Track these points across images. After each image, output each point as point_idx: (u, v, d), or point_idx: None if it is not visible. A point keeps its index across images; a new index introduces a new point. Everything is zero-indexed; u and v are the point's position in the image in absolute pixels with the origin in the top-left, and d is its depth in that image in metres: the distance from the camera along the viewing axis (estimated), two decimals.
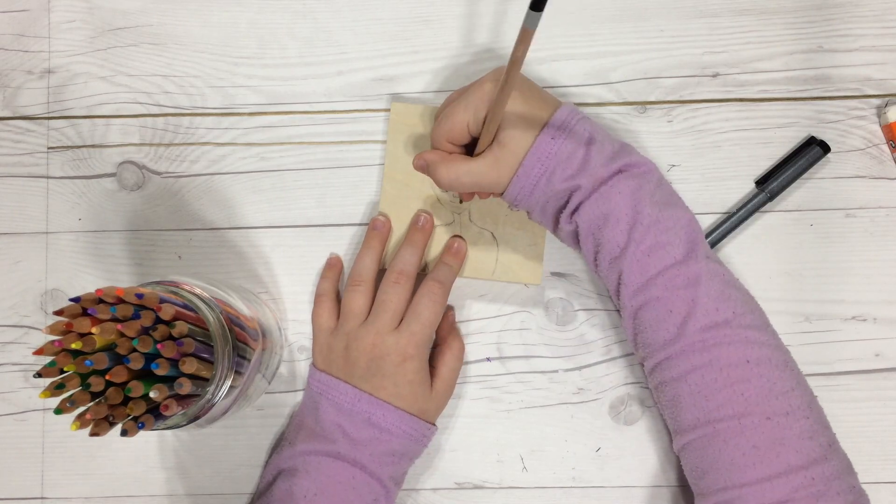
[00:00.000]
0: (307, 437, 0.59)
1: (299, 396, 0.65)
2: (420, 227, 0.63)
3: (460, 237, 0.64)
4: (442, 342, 0.63)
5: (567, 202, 0.55)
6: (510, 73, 0.46)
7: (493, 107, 0.51)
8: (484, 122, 0.54)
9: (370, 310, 0.60)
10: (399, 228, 0.64)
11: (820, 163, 0.65)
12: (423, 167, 0.58)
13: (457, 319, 0.65)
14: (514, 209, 0.59)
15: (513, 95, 0.53)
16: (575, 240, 0.58)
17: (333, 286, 0.64)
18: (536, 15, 0.41)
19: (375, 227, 0.63)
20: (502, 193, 0.56)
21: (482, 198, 0.63)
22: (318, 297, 0.64)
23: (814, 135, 0.65)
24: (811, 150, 0.63)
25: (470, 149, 0.58)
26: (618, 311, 0.63)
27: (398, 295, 0.60)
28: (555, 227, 0.58)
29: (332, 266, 0.65)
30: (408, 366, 0.58)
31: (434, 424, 0.61)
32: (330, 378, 0.60)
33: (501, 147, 0.54)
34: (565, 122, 0.54)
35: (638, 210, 0.54)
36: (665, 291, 0.53)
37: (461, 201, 0.64)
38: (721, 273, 0.55)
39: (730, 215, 0.64)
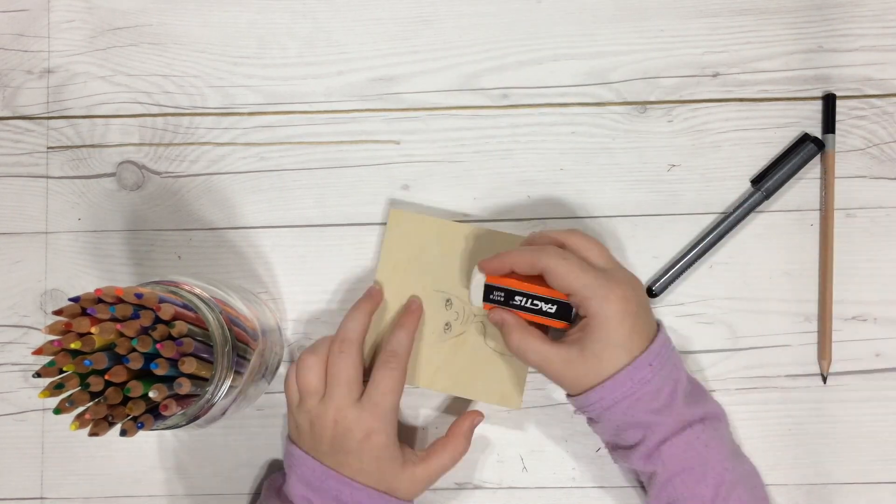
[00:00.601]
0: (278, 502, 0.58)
1: None
2: (413, 311, 0.62)
3: (418, 298, 0.63)
4: (450, 437, 0.60)
5: (641, 440, 0.55)
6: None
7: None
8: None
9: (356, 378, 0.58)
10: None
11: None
12: (499, 324, 0.57)
13: (473, 427, 0.62)
14: (576, 414, 0.58)
15: (637, 302, 0.54)
16: (643, 474, 0.57)
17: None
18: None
19: (370, 294, 0.62)
20: (570, 394, 0.56)
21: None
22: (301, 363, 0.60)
23: (816, 136, 0.64)
24: (805, 147, 0.63)
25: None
26: None
27: (351, 363, 0.57)
28: (620, 455, 0.57)
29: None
30: (373, 440, 0.56)
31: (409, 502, 0.59)
32: (300, 452, 0.58)
33: (584, 356, 0.53)
34: (662, 351, 0.54)
35: (724, 465, 0.54)
36: None
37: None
38: None
39: (727, 215, 0.64)
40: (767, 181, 0.63)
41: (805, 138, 0.64)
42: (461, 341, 0.63)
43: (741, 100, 0.66)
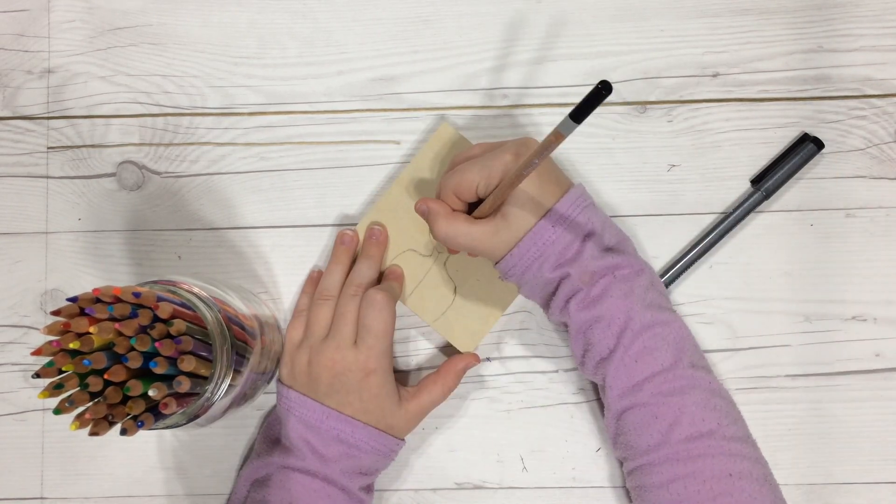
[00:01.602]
0: (277, 451, 0.59)
1: None
2: (375, 241, 0.63)
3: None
4: (442, 373, 0.62)
5: (556, 289, 0.56)
6: (529, 162, 0.47)
7: (506, 181, 0.52)
8: (494, 189, 0.54)
9: None
10: (391, 239, 0.65)
11: (821, 163, 0.65)
12: (424, 213, 0.58)
13: (465, 368, 0.63)
14: (504, 280, 0.59)
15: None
16: (564, 327, 0.59)
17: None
18: (573, 124, 0.41)
19: (343, 241, 0.63)
20: (495, 263, 0.57)
21: (452, 253, 0.64)
22: (295, 312, 0.64)
23: (815, 135, 0.64)
24: (805, 147, 0.63)
25: (472, 206, 0.58)
26: (600, 407, 0.63)
27: (356, 307, 0.60)
28: (546, 310, 0.59)
29: (313, 281, 0.65)
30: (371, 380, 0.58)
31: (402, 440, 0.61)
32: (297, 395, 0.59)
33: (504, 220, 0.55)
34: (569, 210, 0.55)
35: (629, 315, 0.55)
36: (651, 397, 0.54)
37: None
38: (707, 381, 0.55)
39: (727, 215, 0.64)
40: (767, 181, 0.63)
41: (805, 138, 0.64)
42: (444, 266, 0.64)
43: (741, 100, 0.66)
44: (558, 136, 0.43)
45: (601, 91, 0.39)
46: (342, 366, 0.58)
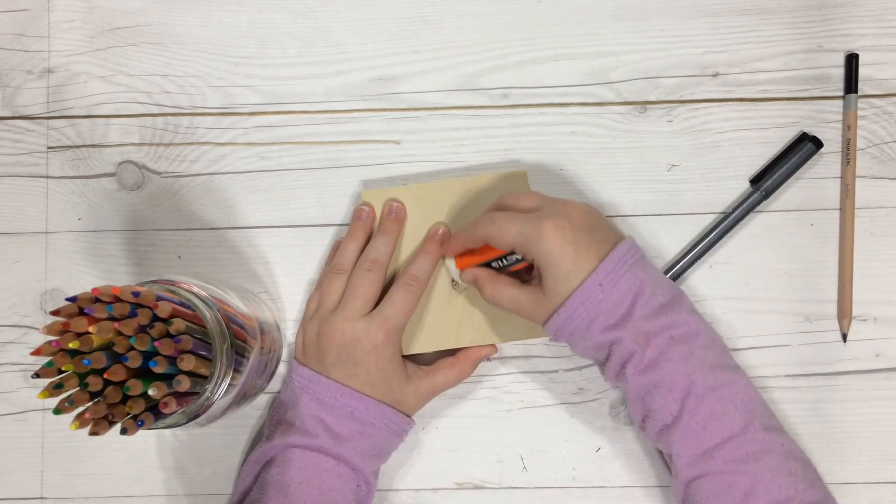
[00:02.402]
0: (288, 431, 0.58)
1: None
2: (393, 217, 0.63)
3: (444, 224, 0.63)
4: (461, 359, 0.62)
5: (609, 355, 0.55)
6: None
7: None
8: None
9: None
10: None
11: (820, 163, 0.65)
12: (472, 282, 0.59)
13: (483, 357, 0.63)
14: (551, 341, 0.60)
15: (573, 228, 0.53)
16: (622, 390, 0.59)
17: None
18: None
19: (360, 217, 0.63)
20: (543, 324, 0.56)
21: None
22: (316, 286, 0.64)
23: (814, 135, 0.64)
24: (804, 147, 0.63)
25: None
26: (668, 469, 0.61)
27: (370, 281, 0.60)
28: (602, 373, 0.58)
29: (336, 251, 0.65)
30: (379, 352, 0.58)
31: (412, 419, 0.61)
32: (312, 373, 0.59)
33: (546, 292, 0.54)
34: (616, 268, 0.53)
35: (692, 378, 0.53)
36: (724, 465, 0.52)
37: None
38: (780, 443, 0.53)
39: (726, 215, 0.64)
40: (766, 181, 0.63)
41: (803, 137, 0.64)
42: (473, 292, 0.62)
43: (741, 100, 0.66)
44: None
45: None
46: (350, 336, 0.58)
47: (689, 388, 0.52)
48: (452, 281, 0.63)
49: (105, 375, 0.47)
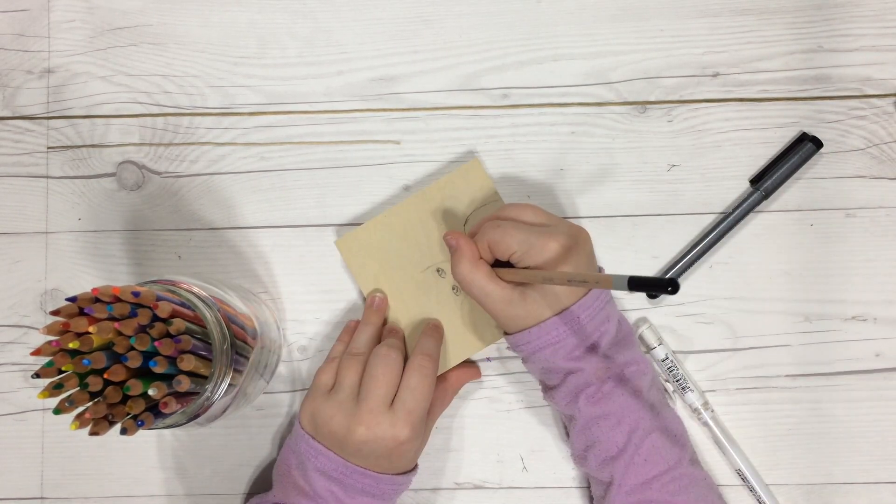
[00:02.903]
0: (297, 495, 0.57)
1: (299, 396, 0.65)
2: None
3: (436, 321, 0.63)
4: (440, 392, 0.61)
5: (563, 381, 0.57)
6: (570, 282, 0.50)
7: (542, 275, 0.53)
8: (525, 268, 0.55)
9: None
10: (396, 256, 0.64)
11: (820, 163, 0.65)
12: (452, 247, 0.58)
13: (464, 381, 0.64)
14: (507, 349, 0.60)
15: (577, 252, 0.55)
16: (561, 414, 0.61)
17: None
18: (625, 287, 0.44)
19: (373, 304, 0.63)
20: (505, 333, 0.58)
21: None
22: (328, 359, 0.61)
23: (814, 135, 0.64)
24: (804, 147, 0.63)
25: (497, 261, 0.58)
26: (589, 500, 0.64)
27: (389, 368, 0.57)
28: (547, 394, 0.60)
29: (349, 331, 0.64)
30: (403, 448, 0.56)
31: (416, 465, 0.61)
32: (319, 445, 0.57)
33: (522, 298, 0.55)
34: (595, 302, 0.56)
35: (639, 415, 0.57)
36: (660, 495, 0.56)
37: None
38: (703, 476, 0.59)
39: (726, 215, 0.64)
40: (766, 181, 0.63)
41: (803, 137, 0.64)
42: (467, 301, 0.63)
43: (741, 100, 0.66)
44: (608, 284, 0.46)
45: (667, 287, 0.42)
46: (374, 433, 0.55)
47: (637, 423, 0.56)
48: (453, 288, 0.63)
49: (105, 375, 0.47)
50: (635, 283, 0.43)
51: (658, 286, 0.42)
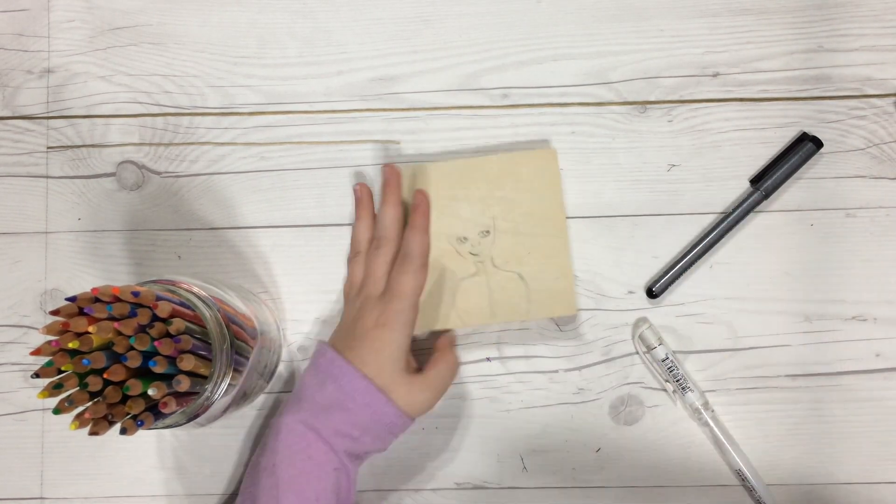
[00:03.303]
0: (286, 406, 0.58)
1: None
2: (360, 200, 0.65)
3: (421, 191, 0.63)
4: (438, 351, 0.62)
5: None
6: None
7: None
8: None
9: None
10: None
11: (821, 163, 0.65)
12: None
13: (452, 339, 0.65)
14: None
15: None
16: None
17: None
18: None
19: (358, 196, 0.65)
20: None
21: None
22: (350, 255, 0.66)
23: (815, 135, 0.64)
24: (804, 147, 0.63)
25: None
26: None
27: (382, 259, 0.61)
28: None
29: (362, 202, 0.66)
30: (379, 332, 0.58)
31: (405, 414, 0.58)
32: (322, 344, 0.60)
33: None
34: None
35: None
36: None
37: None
38: None
39: (726, 215, 0.64)
40: (766, 181, 0.63)
41: (803, 138, 0.64)
42: (492, 271, 0.64)
43: (741, 100, 0.66)
44: None
45: None
46: (361, 313, 0.59)
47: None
48: (458, 239, 0.64)
49: (105, 375, 0.47)
50: None
51: None
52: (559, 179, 0.64)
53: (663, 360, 0.63)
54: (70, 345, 0.46)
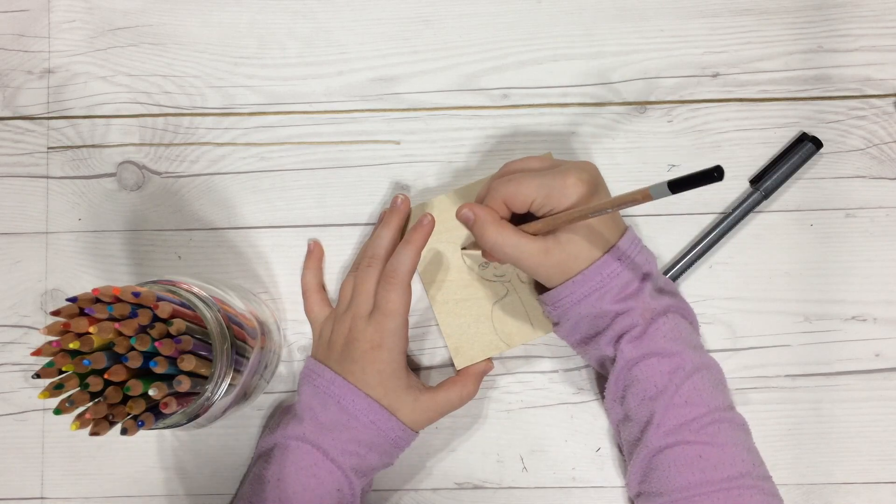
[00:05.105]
0: (285, 421, 0.59)
1: None
2: (396, 209, 0.63)
3: (429, 213, 0.62)
4: (462, 375, 0.62)
5: (609, 326, 0.56)
6: (601, 209, 0.49)
7: (568, 214, 0.52)
8: (548, 211, 0.54)
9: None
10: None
11: (820, 163, 0.65)
12: (469, 220, 0.56)
13: (484, 373, 0.64)
14: (545, 311, 0.59)
15: (593, 182, 0.54)
16: (600, 363, 0.60)
17: (317, 277, 0.65)
18: (667, 192, 0.41)
19: (395, 204, 0.64)
20: (543, 289, 0.58)
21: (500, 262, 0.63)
22: (304, 293, 0.65)
23: (814, 135, 0.64)
24: (804, 147, 0.63)
25: (515, 219, 0.57)
26: (619, 444, 0.63)
27: (372, 278, 0.60)
28: (581, 345, 0.60)
29: (312, 254, 0.65)
30: (376, 354, 0.58)
31: (405, 425, 0.59)
32: (315, 363, 0.60)
33: (558, 244, 0.54)
34: (630, 249, 0.56)
35: (682, 356, 0.56)
36: (697, 437, 0.55)
37: (485, 262, 0.64)
38: (741, 420, 0.57)
39: (726, 215, 0.64)
40: (766, 181, 0.63)
41: (803, 138, 0.64)
42: (521, 287, 0.64)
43: (741, 100, 0.66)
44: (646, 196, 0.43)
45: (713, 175, 0.39)
46: (354, 334, 0.59)
47: (679, 364, 0.56)
48: (480, 266, 0.64)
49: (105, 376, 0.47)
50: (677, 185, 0.40)
51: (702, 178, 0.40)
52: None
53: None
54: (71, 345, 0.46)
